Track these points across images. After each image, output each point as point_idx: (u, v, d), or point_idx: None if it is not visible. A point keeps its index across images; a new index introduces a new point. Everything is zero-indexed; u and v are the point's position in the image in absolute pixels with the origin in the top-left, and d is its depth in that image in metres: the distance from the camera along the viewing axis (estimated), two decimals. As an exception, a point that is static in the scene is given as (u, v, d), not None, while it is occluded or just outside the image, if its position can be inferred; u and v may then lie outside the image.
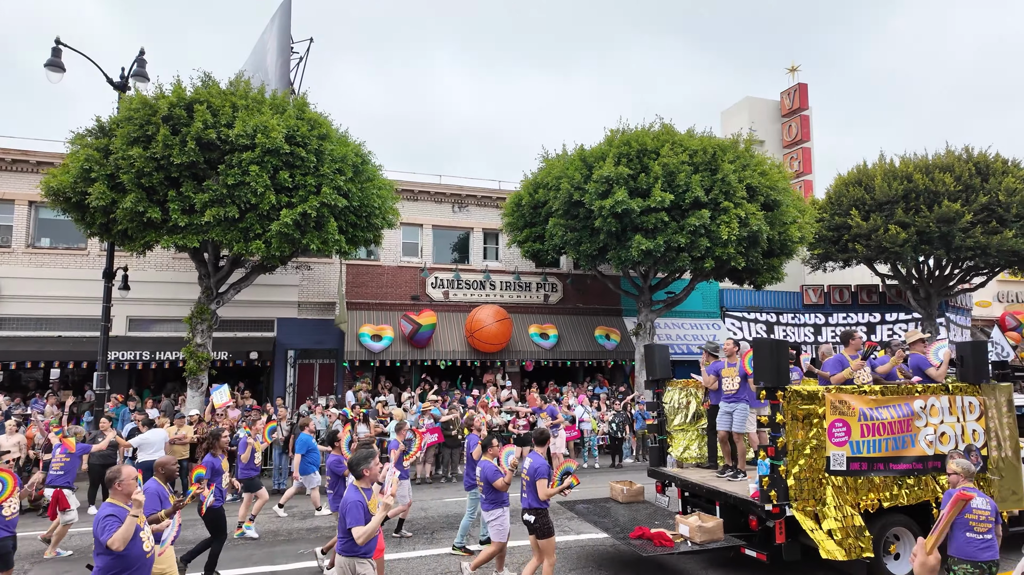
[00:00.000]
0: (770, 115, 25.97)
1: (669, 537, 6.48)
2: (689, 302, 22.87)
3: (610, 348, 20.40)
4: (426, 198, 20.27)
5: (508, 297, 20.72)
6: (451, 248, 20.79)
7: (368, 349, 17.93)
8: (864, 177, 19.53)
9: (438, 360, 18.68)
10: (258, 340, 18.04)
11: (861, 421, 6.50)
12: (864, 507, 6.42)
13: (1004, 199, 17.29)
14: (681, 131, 16.32)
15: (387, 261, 19.78)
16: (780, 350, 6.38)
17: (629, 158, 15.39)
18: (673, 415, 8.89)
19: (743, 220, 14.75)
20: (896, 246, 18.06)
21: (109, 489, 4.40)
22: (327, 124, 13.31)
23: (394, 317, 18.75)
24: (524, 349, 19.65)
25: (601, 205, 14.74)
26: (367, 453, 4.93)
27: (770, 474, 6.26)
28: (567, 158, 16.63)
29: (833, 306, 23.40)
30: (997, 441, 7.16)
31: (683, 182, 14.78)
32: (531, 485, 6.10)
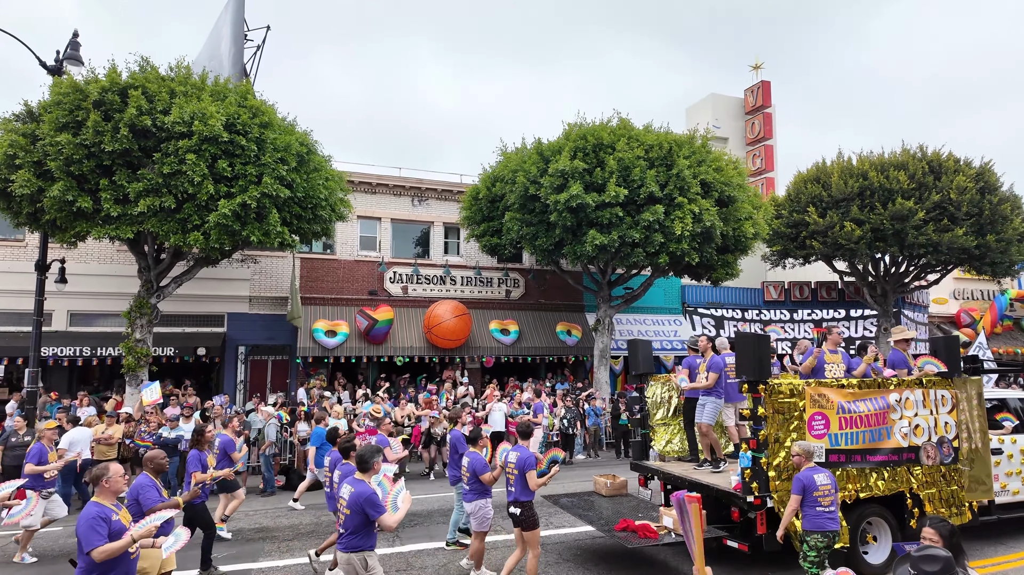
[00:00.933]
0: (734, 112, 26.08)
1: (653, 529, 6.57)
2: (651, 298, 22.91)
3: (571, 344, 20.28)
4: (384, 191, 19.89)
5: (469, 292, 20.46)
6: (411, 242, 20.45)
7: (322, 345, 17.53)
8: (822, 174, 19.68)
9: (395, 356, 18.35)
10: (207, 335, 17.51)
11: (839, 414, 6.65)
12: (842, 498, 6.55)
13: (955, 197, 17.54)
14: (639, 126, 16.23)
15: (343, 255, 19.36)
16: (761, 345, 6.44)
17: (585, 152, 15.24)
18: (655, 409, 8.99)
19: (697, 216, 14.70)
20: (851, 243, 18.23)
21: (95, 487, 4.29)
22: (271, 112, 12.89)
23: (350, 312, 18.37)
24: (484, 345, 19.42)
25: (556, 199, 14.56)
26: (375, 447, 4.97)
27: (752, 466, 6.34)
28: (525, 152, 16.42)
29: (793, 302, 23.61)
30: (968, 433, 7.37)
31: (638, 177, 14.67)
32: (519, 478, 6.13)
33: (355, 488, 4.68)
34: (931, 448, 7.10)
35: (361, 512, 4.61)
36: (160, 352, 16.33)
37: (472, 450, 6.78)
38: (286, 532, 8.87)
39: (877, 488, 6.77)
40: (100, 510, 4.17)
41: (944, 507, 7.13)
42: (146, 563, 4.90)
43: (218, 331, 17.91)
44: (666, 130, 16.30)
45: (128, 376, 13.81)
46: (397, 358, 18.42)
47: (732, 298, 23.73)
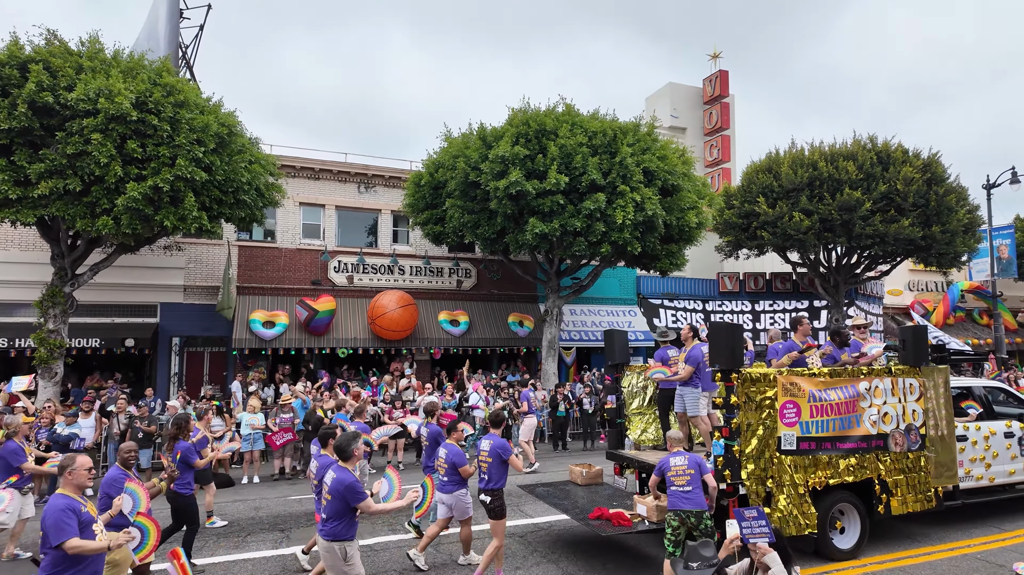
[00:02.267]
0: (692, 102, 25.84)
1: (627, 517, 6.63)
2: (606, 289, 22.67)
3: (523, 335, 19.93)
4: (328, 177, 19.23)
5: (418, 283, 19.96)
6: (358, 231, 19.84)
7: (259, 336, 16.90)
8: (774, 164, 19.53)
9: (338, 348, 17.81)
10: (137, 326, 16.76)
11: (810, 402, 6.73)
12: (812, 484, 6.68)
13: (902, 188, 17.51)
14: (586, 114, 15.84)
15: (285, 243, 18.70)
16: (734, 334, 6.50)
17: (528, 139, 14.81)
18: (631, 399, 9.03)
19: (639, 205, 14.39)
20: (800, 233, 18.12)
21: (59, 478, 4.21)
22: (190, 90, 12.18)
23: (291, 303, 17.75)
24: (432, 336, 18.97)
25: (496, 186, 14.12)
26: (352, 435, 5.01)
27: (724, 454, 6.40)
28: (469, 138, 15.94)
29: (748, 293, 23.57)
30: (934, 420, 7.52)
31: (580, 164, 14.30)
32: (493, 466, 6.24)
33: (337, 475, 4.71)
34: (899, 435, 7.26)
35: (342, 499, 4.64)
36: (84, 344, 15.58)
37: (449, 441, 6.76)
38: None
39: (847, 474, 6.90)
40: (68, 502, 4.07)
41: (911, 493, 7.29)
42: (118, 555, 4.82)
43: (150, 322, 17.16)
44: (612, 118, 15.94)
45: (41, 369, 13.08)
46: (340, 350, 17.88)
47: (687, 289, 23.61)
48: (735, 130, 25.81)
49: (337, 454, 4.93)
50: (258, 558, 7.31)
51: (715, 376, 6.62)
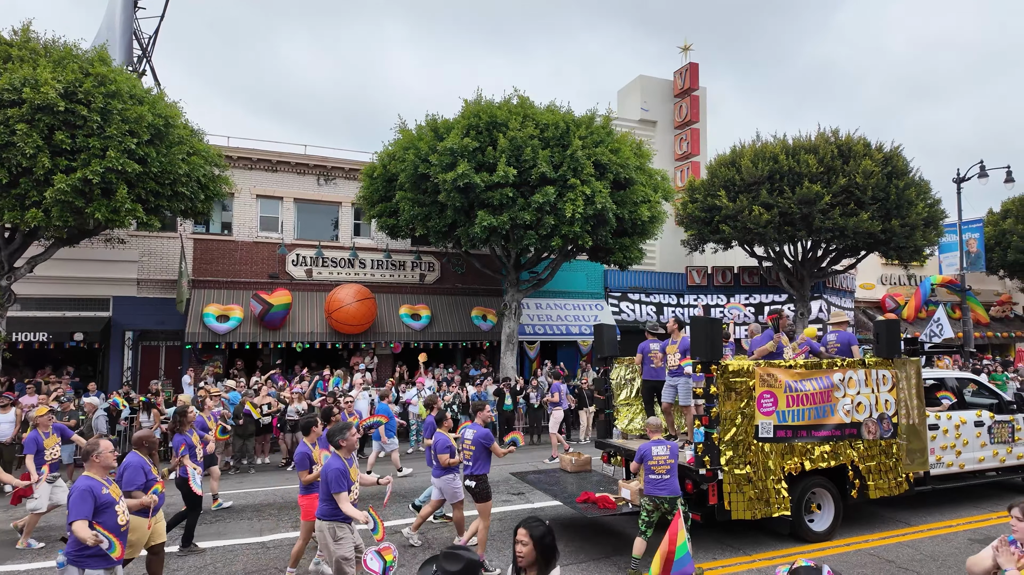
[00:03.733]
0: (663, 95, 25.66)
1: (612, 500, 7.01)
2: (573, 282, 22.57)
3: (486, 329, 19.82)
4: (287, 169, 19.01)
5: (380, 276, 19.80)
6: (317, 224, 19.63)
7: (212, 330, 16.74)
8: (737, 158, 19.40)
9: (294, 342, 17.66)
10: (89, 320, 16.57)
11: (787, 392, 7.06)
12: (788, 470, 7.03)
13: (861, 181, 17.40)
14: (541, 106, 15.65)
15: (241, 236, 18.50)
16: (714, 327, 6.81)
17: (479, 130, 14.64)
18: (619, 390, 9.39)
19: (589, 198, 14.25)
20: (759, 227, 18.03)
21: (85, 462, 4.39)
22: (123, 80, 11.93)
23: (246, 296, 17.58)
24: (393, 330, 18.84)
25: (444, 178, 13.96)
26: (343, 424, 5.27)
27: (704, 441, 6.71)
28: (423, 129, 15.74)
29: (716, 287, 23.50)
30: (906, 410, 7.88)
31: (530, 157, 14.14)
32: (476, 453, 6.53)
33: (328, 461, 5.05)
34: (872, 424, 7.61)
35: (327, 483, 4.93)
36: (32, 338, 15.41)
37: (439, 431, 7.10)
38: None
39: (822, 461, 7.23)
40: (89, 483, 4.24)
41: (883, 478, 7.66)
42: (133, 536, 5.04)
43: (102, 315, 16.96)
44: (567, 110, 15.77)
45: (-22, 363, 12.90)
46: (296, 344, 17.73)
47: (656, 283, 23.53)
48: (706, 124, 25.64)
49: (328, 441, 5.19)
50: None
51: (696, 367, 6.93)
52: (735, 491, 6.76)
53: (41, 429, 7.72)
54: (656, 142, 25.72)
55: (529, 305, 21.14)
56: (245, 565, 6.91)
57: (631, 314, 22.65)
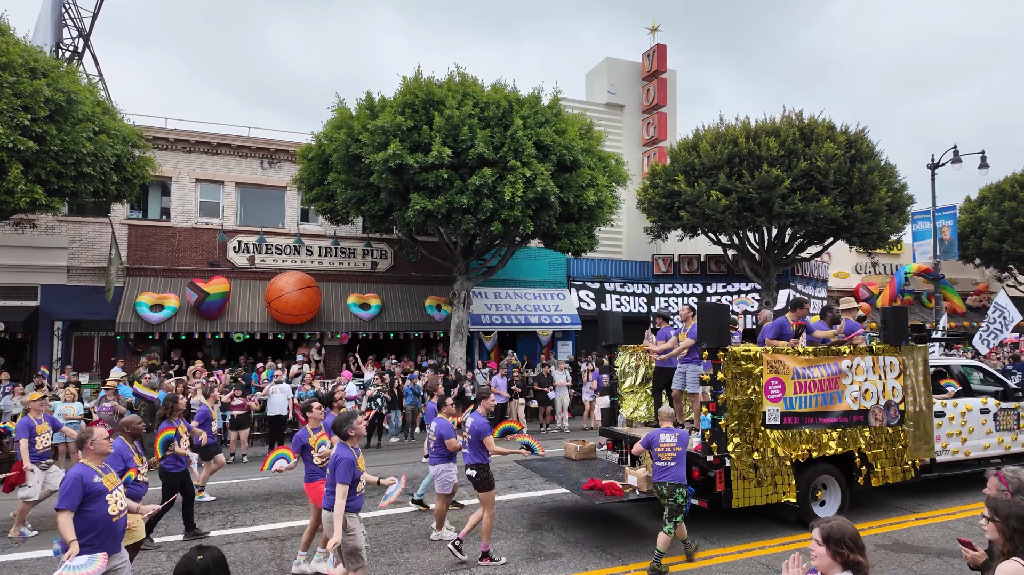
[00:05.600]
0: (631, 78, 24.90)
1: (619, 487, 6.93)
2: (535, 271, 21.91)
3: (440, 319, 19.15)
4: (227, 152, 18.21)
5: (328, 264, 19.08)
6: (261, 209, 18.85)
7: (145, 320, 16.01)
8: (699, 141, 18.71)
9: (233, 333, 16.95)
10: (12, 309, 15.81)
11: (794, 379, 6.99)
12: (796, 457, 6.95)
13: (823, 165, 16.74)
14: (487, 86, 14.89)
15: (179, 222, 17.72)
16: (721, 314, 6.78)
17: (415, 109, 13.90)
18: (624, 378, 9.42)
19: (530, 180, 13.55)
20: (718, 213, 17.37)
21: (80, 450, 4.35)
22: (17, 53, 11.07)
23: (184, 285, 16.83)
24: (339, 320, 18.15)
25: (375, 159, 13.23)
26: (349, 413, 5.18)
27: (711, 428, 6.67)
28: (362, 107, 14.97)
29: (682, 276, 22.88)
30: (913, 397, 7.82)
31: (467, 137, 13.42)
32: (473, 443, 6.36)
33: (336, 451, 5.00)
34: (879, 411, 7.55)
35: (335, 473, 4.89)
36: (-52, 328, 14.67)
37: (440, 416, 7.03)
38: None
39: (828, 448, 7.17)
40: (82, 471, 4.20)
41: (889, 465, 7.59)
42: (131, 520, 5.01)
43: (29, 304, 16.21)
44: (513, 89, 15.02)
45: None
46: (235, 335, 17.03)
47: (621, 272, 22.88)
48: (675, 108, 24.92)
49: (335, 432, 5.13)
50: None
51: (703, 354, 6.88)
52: (742, 478, 6.69)
53: (33, 414, 7.59)
54: (624, 126, 25.04)
55: (487, 294, 20.49)
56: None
57: (595, 304, 22.03)
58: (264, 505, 8.85)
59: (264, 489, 9.77)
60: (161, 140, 17.36)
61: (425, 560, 6.44)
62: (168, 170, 17.55)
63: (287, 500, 9.09)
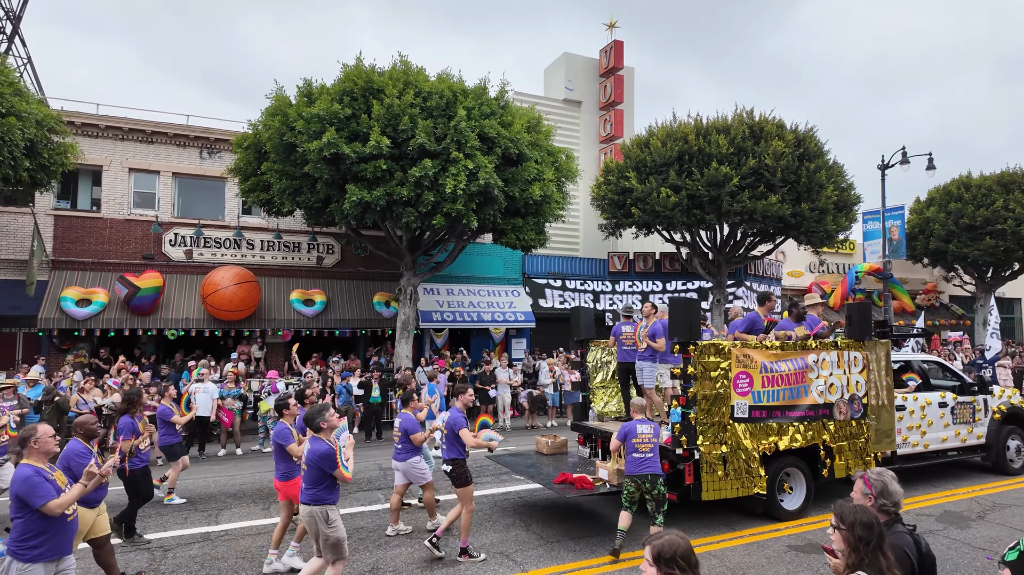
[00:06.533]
0: (589, 74, 24.72)
1: (590, 481, 7.02)
2: (489, 267, 21.57)
3: (388, 316, 18.65)
4: (163, 140, 17.41)
5: (271, 258, 18.43)
6: (201, 201, 18.09)
7: (71, 316, 15.18)
8: (651, 138, 18.61)
9: (166, 329, 16.21)
10: (-77, 304, 14.84)
11: (762, 373, 7.14)
12: (763, 450, 7.10)
13: (771, 163, 16.79)
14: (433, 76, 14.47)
15: (111, 213, 16.88)
16: (692, 308, 6.87)
17: (353, 97, 13.42)
18: (595, 373, 9.52)
19: (473, 173, 13.20)
20: (667, 210, 17.28)
21: (24, 449, 4.20)
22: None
23: (114, 279, 16.02)
24: (281, 317, 17.53)
25: (309, 148, 12.71)
26: (321, 406, 5.17)
27: (681, 421, 6.77)
28: (301, 95, 14.39)
29: (638, 274, 22.82)
30: (875, 391, 8.04)
31: (408, 126, 12.99)
32: (449, 437, 6.32)
33: (312, 446, 4.96)
34: (843, 404, 7.75)
35: (318, 467, 4.87)
36: None
37: (404, 411, 7.08)
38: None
39: (795, 441, 7.32)
40: (36, 469, 4.07)
41: (853, 457, 7.79)
42: (82, 526, 5.04)
43: (-58, 299, 15.24)
44: (459, 79, 14.65)
45: None
46: (169, 331, 16.29)
47: (576, 269, 22.72)
48: (632, 105, 24.85)
49: (307, 425, 5.11)
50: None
51: (673, 348, 7.03)
52: (711, 471, 6.77)
53: None
54: (582, 123, 24.87)
55: (439, 291, 20.10)
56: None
57: (550, 301, 21.80)
58: (211, 505, 8.56)
59: (217, 489, 9.46)
60: (90, 127, 16.52)
61: (401, 557, 6.41)
62: (99, 158, 16.72)
63: (233, 501, 8.79)
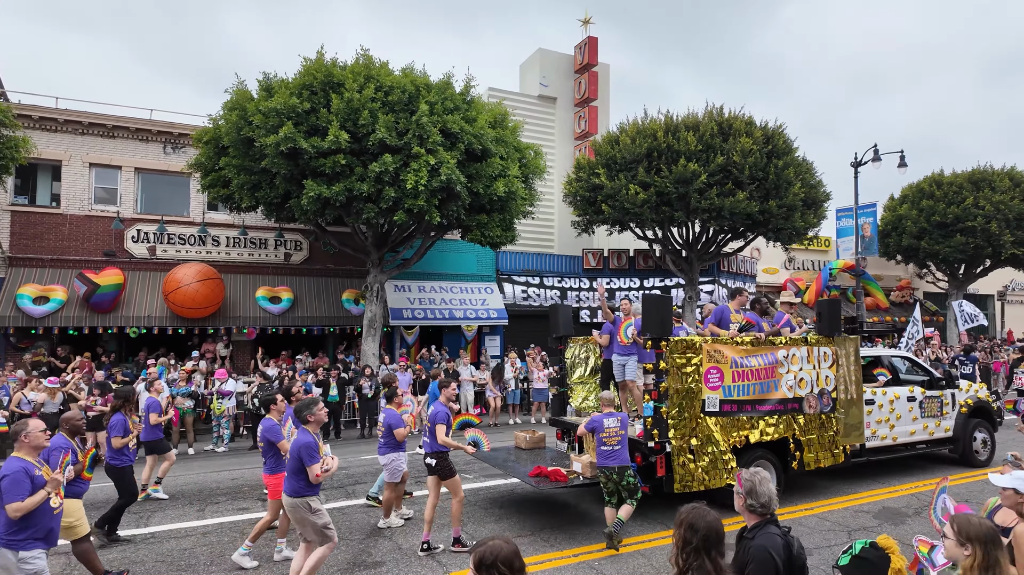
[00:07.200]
0: (564, 70, 24.64)
1: (564, 474, 7.11)
2: (462, 264, 21.43)
3: (357, 313, 18.46)
4: (126, 135, 17.09)
5: (237, 255, 18.18)
6: (164, 197, 17.76)
7: (27, 314, 14.88)
8: (622, 135, 18.56)
9: (128, 327, 15.94)
10: None
11: (733, 368, 7.26)
12: (733, 443, 7.23)
13: (739, 160, 16.80)
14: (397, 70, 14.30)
15: (71, 209, 16.55)
16: (664, 305, 7.04)
17: (313, 91, 13.24)
18: (574, 369, 9.65)
19: (435, 169, 13.06)
20: (636, 207, 17.25)
21: (15, 442, 4.31)
22: None
23: (73, 276, 15.72)
24: (248, 315, 17.30)
25: (266, 142, 12.52)
26: (311, 399, 5.35)
27: (653, 415, 6.90)
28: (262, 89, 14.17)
29: (612, 271, 22.78)
30: (844, 385, 8.17)
31: (368, 121, 12.83)
32: (431, 430, 6.41)
33: (299, 436, 5.07)
34: (813, 399, 7.87)
35: (298, 458, 4.97)
36: None
37: (388, 407, 7.20)
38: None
39: (765, 434, 7.45)
40: (23, 465, 4.19)
41: (822, 450, 7.94)
42: (73, 518, 5.26)
43: None
44: (423, 74, 14.49)
45: None
46: (130, 329, 16.02)
47: (550, 266, 22.63)
48: (607, 101, 24.79)
49: (296, 417, 5.28)
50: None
51: (646, 344, 7.13)
52: (683, 464, 6.89)
53: None
54: (557, 119, 24.79)
55: (410, 288, 19.93)
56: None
57: (524, 298, 21.71)
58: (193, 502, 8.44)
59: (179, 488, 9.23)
60: (48, 121, 16.18)
61: (384, 549, 6.46)
62: (58, 153, 16.39)
63: (167, 503, 8.56)
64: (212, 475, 10.19)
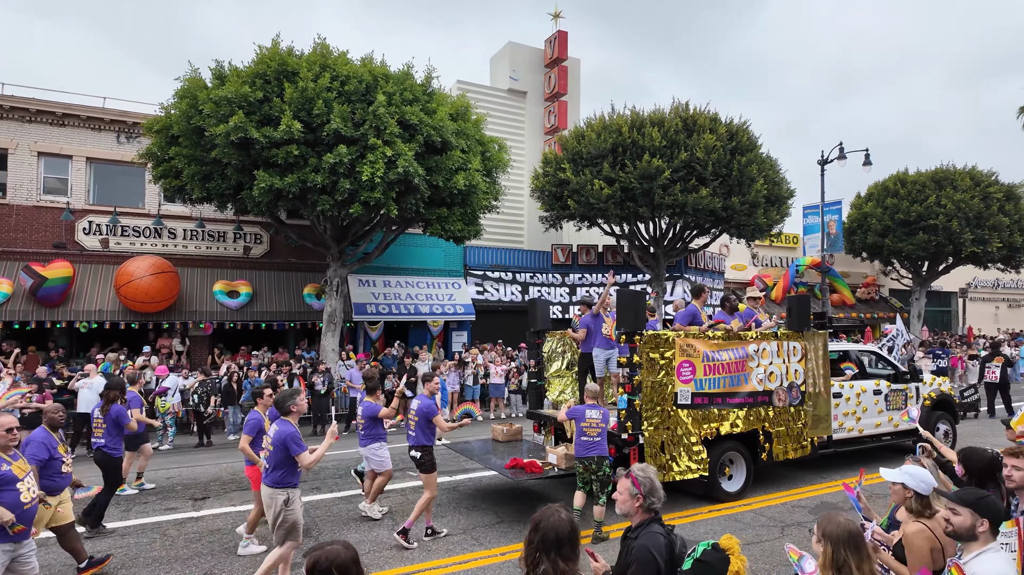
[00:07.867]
0: (535, 65, 24.49)
1: (540, 465, 7.28)
2: (429, 259, 21.20)
3: (319, 308, 18.14)
4: (77, 123, 16.56)
5: (194, 248, 17.74)
6: (118, 187, 17.25)
7: (-31, 307, 14.34)
8: (588, 130, 18.48)
9: (77, 322, 15.46)
10: None
11: (704, 362, 7.41)
12: (704, 435, 7.38)
13: (702, 156, 16.82)
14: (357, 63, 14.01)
15: (18, 199, 15.99)
16: (638, 299, 7.14)
17: (266, 79, 12.91)
18: (551, 362, 9.77)
19: (392, 161, 12.83)
20: (600, 202, 17.19)
21: None
22: None
23: (19, 268, 15.20)
24: (204, 309, 16.89)
25: (215, 132, 12.18)
26: (293, 390, 5.31)
27: (627, 407, 7.03)
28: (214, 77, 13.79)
29: (580, 266, 22.74)
30: (813, 379, 8.38)
31: (322, 111, 12.55)
32: (420, 424, 6.53)
33: (279, 427, 5.02)
34: (782, 392, 8.05)
35: (283, 448, 4.92)
36: None
37: (367, 399, 7.29)
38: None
39: (736, 426, 7.62)
40: None
41: (790, 442, 8.12)
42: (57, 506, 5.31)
43: None
44: (382, 64, 14.24)
45: None
46: (80, 324, 15.54)
47: (519, 261, 22.51)
48: (577, 96, 24.71)
49: (277, 408, 5.24)
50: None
51: (620, 338, 7.29)
52: (655, 455, 7.01)
53: None
54: (527, 113, 24.65)
55: (374, 282, 19.66)
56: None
57: (493, 293, 21.56)
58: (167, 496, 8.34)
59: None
60: (-10, 106, 15.61)
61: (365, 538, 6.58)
62: (3, 141, 15.82)
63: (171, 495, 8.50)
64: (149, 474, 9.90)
